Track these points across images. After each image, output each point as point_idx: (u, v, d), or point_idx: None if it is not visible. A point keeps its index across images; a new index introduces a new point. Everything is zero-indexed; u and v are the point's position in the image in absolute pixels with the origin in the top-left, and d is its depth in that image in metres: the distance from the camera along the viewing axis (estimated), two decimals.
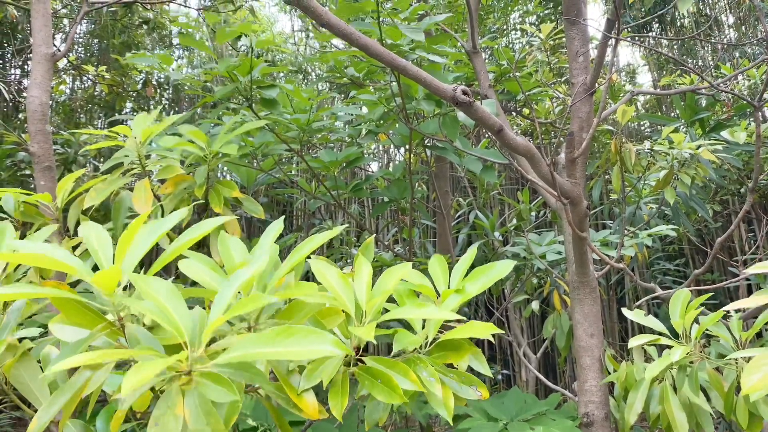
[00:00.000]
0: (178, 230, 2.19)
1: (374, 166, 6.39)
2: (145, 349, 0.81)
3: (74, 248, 1.74)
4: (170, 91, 6.11)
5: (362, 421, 2.54)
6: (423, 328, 1.33)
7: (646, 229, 3.66)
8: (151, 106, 6.06)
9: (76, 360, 0.74)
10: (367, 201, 5.99)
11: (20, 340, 1.08)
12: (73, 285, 1.73)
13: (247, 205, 2.06)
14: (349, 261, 4.17)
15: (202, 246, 1.75)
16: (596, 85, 2.86)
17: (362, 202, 6.04)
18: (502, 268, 1.43)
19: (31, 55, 6.53)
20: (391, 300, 1.40)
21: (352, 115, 2.98)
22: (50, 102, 4.13)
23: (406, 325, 1.44)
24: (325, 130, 2.84)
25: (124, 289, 0.91)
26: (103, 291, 0.85)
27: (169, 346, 0.89)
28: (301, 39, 6.30)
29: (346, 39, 1.78)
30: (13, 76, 6.44)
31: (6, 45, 6.19)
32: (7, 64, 6.83)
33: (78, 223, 1.91)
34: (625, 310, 1.98)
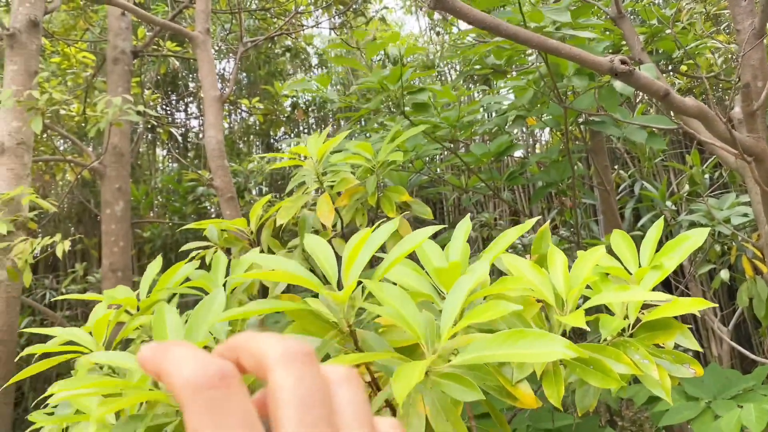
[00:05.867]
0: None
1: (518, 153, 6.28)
2: (384, 353, 0.88)
3: None
4: (316, 112, 6.47)
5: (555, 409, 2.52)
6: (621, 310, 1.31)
7: None
8: (301, 128, 6.47)
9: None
10: (518, 188, 5.90)
11: None
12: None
13: (416, 208, 2.13)
14: (508, 250, 4.13)
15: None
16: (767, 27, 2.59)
17: (512, 189, 5.96)
18: (698, 237, 1.36)
19: (191, 99, 7.23)
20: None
21: (499, 103, 2.96)
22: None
23: (599, 309, 1.41)
24: (476, 124, 2.86)
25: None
26: (337, 301, 0.94)
27: (398, 349, 0.96)
28: (430, 37, 6.37)
29: (494, 31, 1.79)
30: (179, 120, 7.19)
31: (171, 93, 6.93)
32: (173, 109, 7.63)
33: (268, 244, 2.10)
34: None
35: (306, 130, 6.61)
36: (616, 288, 1.24)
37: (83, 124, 5.05)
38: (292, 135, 6.63)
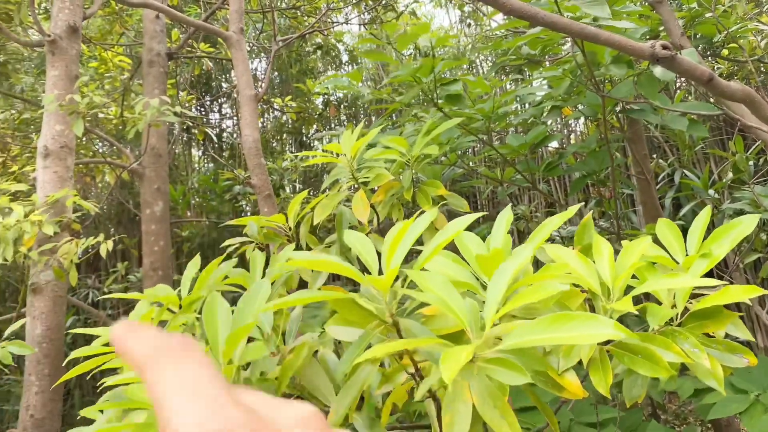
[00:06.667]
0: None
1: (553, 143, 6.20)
2: (427, 339, 0.88)
3: None
4: (347, 108, 6.50)
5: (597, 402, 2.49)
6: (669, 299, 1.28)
7: None
8: (333, 124, 6.50)
9: (374, 353, 0.82)
10: (553, 179, 5.83)
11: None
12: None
13: (452, 201, 2.12)
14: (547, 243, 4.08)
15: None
16: None
17: (547, 181, 5.90)
18: (748, 223, 1.32)
19: (224, 99, 7.33)
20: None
21: (533, 94, 2.93)
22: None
23: (642, 298, 1.39)
24: (511, 114, 2.82)
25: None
26: (379, 287, 0.93)
27: (441, 337, 0.95)
28: (461, 30, 6.33)
29: (532, 20, 1.76)
30: (214, 120, 7.30)
31: (205, 94, 7.04)
32: (207, 110, 7.74)
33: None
34: None
35: (338, 127, 6.65)
36: (662, 276, 1.21)
37: (121, 127, 5.17)
38: (324, 132, 6.68)
